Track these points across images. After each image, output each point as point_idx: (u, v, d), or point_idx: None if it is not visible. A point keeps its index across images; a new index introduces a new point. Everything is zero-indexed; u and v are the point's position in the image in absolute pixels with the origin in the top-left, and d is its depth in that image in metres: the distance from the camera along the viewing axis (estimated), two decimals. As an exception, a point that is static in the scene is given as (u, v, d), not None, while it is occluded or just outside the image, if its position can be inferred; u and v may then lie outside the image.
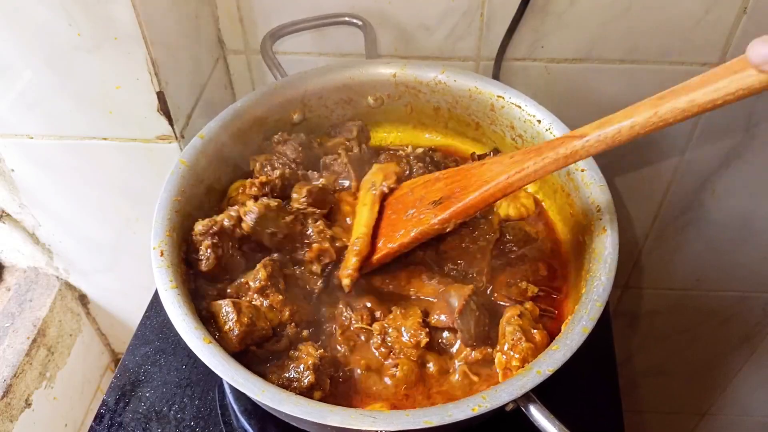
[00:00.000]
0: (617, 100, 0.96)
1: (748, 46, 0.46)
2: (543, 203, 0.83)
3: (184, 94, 0.86)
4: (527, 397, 0.55)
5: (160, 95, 0.80)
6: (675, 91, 0.52)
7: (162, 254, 0.64)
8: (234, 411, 0.77)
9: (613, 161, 1.03)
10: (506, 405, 0.55)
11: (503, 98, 0.81)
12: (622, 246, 0.66)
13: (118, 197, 0.94)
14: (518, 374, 0.56)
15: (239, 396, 0.77)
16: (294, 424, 0.65)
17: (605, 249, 0.65)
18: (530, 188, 0.84)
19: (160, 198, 0.69)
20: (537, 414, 0.54)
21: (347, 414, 0.53)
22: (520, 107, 0.80)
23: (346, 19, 0.88)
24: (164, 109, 0.82)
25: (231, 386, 0.78)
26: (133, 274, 1.08)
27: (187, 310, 0.60)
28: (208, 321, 0.64)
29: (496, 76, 0.93)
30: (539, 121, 0.78)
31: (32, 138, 0.86)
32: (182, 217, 0.69)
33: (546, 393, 0.57)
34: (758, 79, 0.47)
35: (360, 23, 0.88)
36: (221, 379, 0.80)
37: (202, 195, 0.75)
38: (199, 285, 0.69)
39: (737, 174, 1.04)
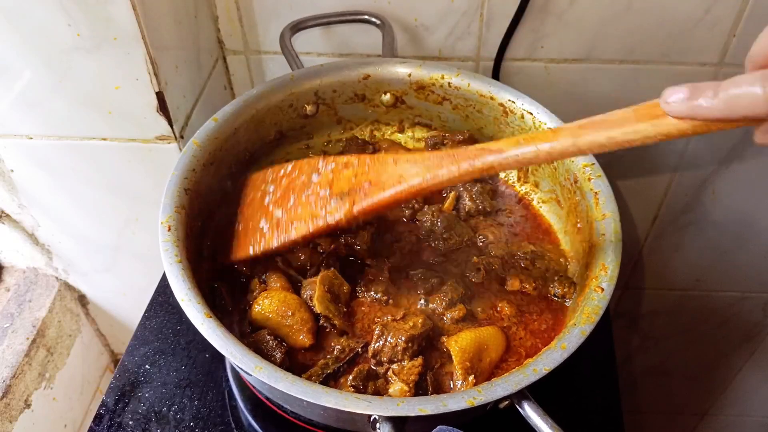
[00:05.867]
0: (617, 101, 0.96)
1: (663, 93, 0.47)
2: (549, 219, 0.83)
3: (184, 94, 0.86)
4: (522, 395, 0.55)
5: (160, 95, 0.80)
6: (595, 123, 0.53)
7: (169, 229, 0.65)
8: (239, 410, 0.77)
9: (613, 161, 1.02)
10: (501, 401, 0.55)
11: (515, 104, 0.81)
12: (622, 247, 0.66)
13: (117, 198, 0.94)
14: (515, 371, 0.57)
15: (242, 396, 0.77)
16: (288, 406, 0.65)
17: (608, 256, 0.66)
18: (541, 205, 0.84)
19: (171, 175, 0.70)
20: (530, 411, 0.55)
21: (341, 396, 0.54)
22: (531, 114, 0.80)
23: (366, 17, 0.89)
24: (163, 110, 0.82)
25: (236, 385, 0.79)
26: (132, 275, 1.08)
27: (191, 284, 0.61)
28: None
29: (495, 76, 0.94)
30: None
31: (31, 138, 0.86)
32: (191, 196, 0.71)
33: (546, 393, 0.57)
34: (676, 127, 0.47)
35: (378, 22, 0.88)
36: (225, 378, 0.80)
37: (212, 176, 0.76)
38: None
39: (737, 174, 1.04)
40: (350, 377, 0.63)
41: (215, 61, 0.96)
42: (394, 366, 0.65)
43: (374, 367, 0.66)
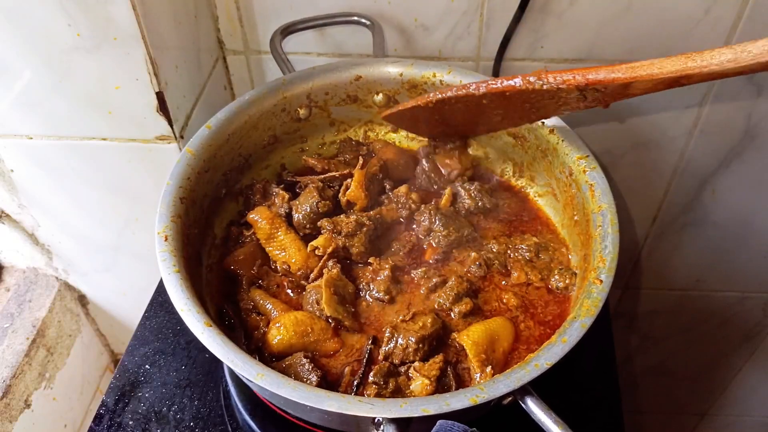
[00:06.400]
0: (616, 101, 0.96)
1: None
2: (546, 211, 0.84)
3: (184, 94, 0.86)
4: (525, 390, 0.55)
5: (160, 95, 0.80)
6: None
7: (166, 239, 0.65)
8: (239, 410, 0.77)
9: (613, 161, 1.03)
10: (504, 398, 0.55)
11: None
12: (622, 246, 0.66)
13: (117, 198, 0.94)
14: (516, 367, 0.57)
15: (242, 396, 0.77)
16: (291, 411, 0.65)
17: (605, 248, 0.66)
18: (538, 199, 0.84)
19: (166, 185, 0.70)
20: (534, 406, 0.55)
21: (344, 400, 0.54)
22: None
23: (355, 18, 0.89)
24: (163, 110, 0.82)
25: (235, 385, 0.78)
26: (132, 275, 1.08)
27: (190, 294, 0.61)
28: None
29: (496, 76, 0.93)
30: (543, 123, 0.79)
31: (32, 138, 0.86)
32: (186, 204, 0.71)
33: (546, 393, 0.57)
34: None
35: (368, 23, 0.88)
36: (225, 378, 0.80)
37: (207, 183, 0.76)
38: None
39: (737, 174, 1.04)
40: (371, 375, 0.63)
41: (215, 61, 0.96)
42: (416, 363, 0.65)
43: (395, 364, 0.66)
